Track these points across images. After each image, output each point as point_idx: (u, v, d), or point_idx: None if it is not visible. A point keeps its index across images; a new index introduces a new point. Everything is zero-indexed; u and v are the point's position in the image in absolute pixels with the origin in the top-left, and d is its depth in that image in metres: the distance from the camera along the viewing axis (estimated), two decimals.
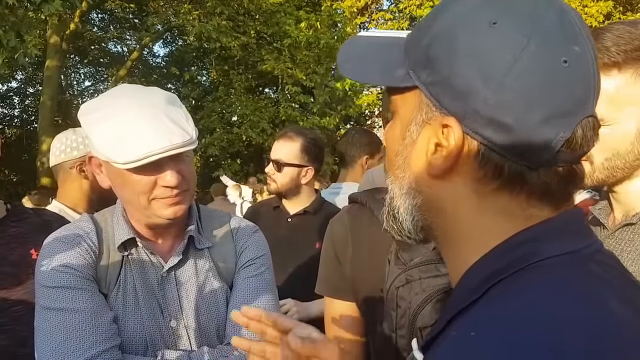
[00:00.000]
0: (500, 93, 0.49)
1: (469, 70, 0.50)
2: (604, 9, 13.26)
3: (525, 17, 0.50)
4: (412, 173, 0.57)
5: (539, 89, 0.49)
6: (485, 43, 0.50)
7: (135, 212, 1.15)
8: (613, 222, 1.02)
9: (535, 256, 0.50)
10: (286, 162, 2.21)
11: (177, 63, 15.91)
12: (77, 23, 12.73)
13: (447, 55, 0.52)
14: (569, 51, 0.50)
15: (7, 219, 1.47)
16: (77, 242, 1.12)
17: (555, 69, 0.49)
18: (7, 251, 1.41)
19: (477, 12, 0.52)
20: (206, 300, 1.20)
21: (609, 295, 0.48)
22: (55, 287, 1.07)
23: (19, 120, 18.09)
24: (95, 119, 1.07)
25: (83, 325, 1.04)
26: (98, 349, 1.03)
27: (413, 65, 0.56)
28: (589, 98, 0.51)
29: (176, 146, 1.03)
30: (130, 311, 1.13)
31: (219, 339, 1.21)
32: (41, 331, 1.06)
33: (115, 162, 1.02)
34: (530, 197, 0.53)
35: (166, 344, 1.14)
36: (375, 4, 16.77)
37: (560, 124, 0.50)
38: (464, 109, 0.51)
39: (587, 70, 0.51)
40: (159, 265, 1.18)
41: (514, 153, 0.51)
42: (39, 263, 1.11)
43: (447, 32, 0.53)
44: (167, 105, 1.08)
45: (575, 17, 0.52)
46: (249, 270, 1.25)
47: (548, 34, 0.50)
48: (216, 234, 1.28)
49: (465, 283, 0.55)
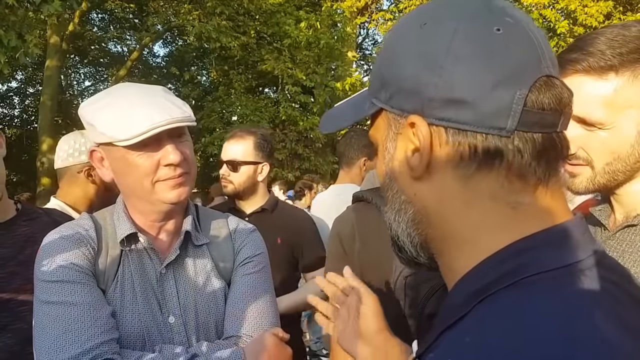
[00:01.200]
0: (446, 74, 0.52)
1: (412, 68, 0.54)
2: (604, 9, 13.23)
3: (451, 10, 0.54)
4: (398, 184, 0.59)
5: (480, 57, 0.51)
6: (421, 41, 0.54)
7: (139, 201, 1.16)
8: (614, 223, 1.01)
9: (527, 270, 0.49)
10: (242, 160, 2.24)
11: (177, 63, 15.90)
12: (77, 23, 12.73)
13: (392, 67, 0.57)
14: (500, 22, 0.52)
15: (18, 219, 1.48)
16: (76, 238, 1.13)
17: (490, 37, 0.51)
18: (16, 251, 1.42)
19: (408, 23, 0.58)
20: (205, 296, 1.21)
21: (603, 316, 0.46)
22: (54, 281, 1.08)
23: (19, 120, 18.08)
24: (97, 107, 1.11)
25: (81, 318, 1.05)
26: (95, 341, 1.04)
27: (373, 93, 0.60)
28: (539, 59, 0.52)
29: (176, 120, 1.07)
30: (128, 307, 1.14)
31: (218, 335, 1.22)
32: (39, 324, 1.07)
33: (120, 140, 1.05)
34: (509, 174, 0.52)
35: (164, 340, 1.15)
36: (375, 4, 16.75)
37: (514, 84, 0.50)
38: (421, 102, 0.53)
39: (526, 34, 0.52)
40: (157, 262, 1.19)
41: (479, 124, 0.51)
42: (38, 260, 1.12)
43: (387, 49, 0.59)
44: (164, 93, 1.14)
45: (502, 2, 0.55)
46: (247, 268, 1.27)
47: (476, 15, 0.53)
48: (214, 232, 1.29)
49: (455, 295, 0.55)
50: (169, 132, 1.09)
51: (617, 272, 0.54)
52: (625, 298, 0.51)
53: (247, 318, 1.20)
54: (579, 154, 0.94)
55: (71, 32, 12.67)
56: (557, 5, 13.77)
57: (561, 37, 12.95)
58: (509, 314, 0.47)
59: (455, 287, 0.55)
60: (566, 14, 14.07)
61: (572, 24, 13.68)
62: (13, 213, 1.48)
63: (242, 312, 1.21)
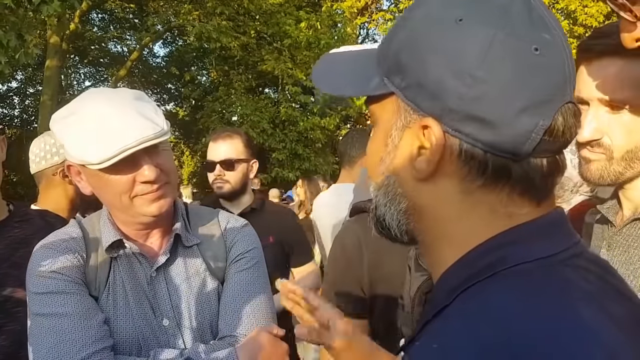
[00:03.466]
0: (474, 87, 0.49)
1: (440, 69, 0.50)
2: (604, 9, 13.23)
3: (491, 11, 0.50)
4: (397, 178, 0.57)
5: (513, 79, 0.49)
6: (453, 40, 0.50)
7: (120, 214, 1.15)
8: (621, 220, 1.01)
9: (506, 262, 0.50)
10: (237, 158, 2.26)
11: (177, 63, 15.90)
12: (77, 23, 12.72)
13: (417, 58, 0.52)
14: (539, 39, 0.49)
15: (11, 220, 1.46)
16: (64, 247, 1.13)
17: (527, 58, 0.49)
18: (10, 252, 1.41)
19: (442, 12, 0.52)
20: (198, 297, 1.20)
21: (580, 305, 0.47)
22: (45, 293, 1.08)
23: (19, 120, 18.07)
24: (66, 124, 1.08)
25: (73, 329, 1.05)
26: (89, 350, 1.03)
27: (386, 72, 0.56)
28: (566, 84, 0.51)
29: (148, 138, 1.03)
30: (122, 312, 1.13)
31: (213, 335, 1.21)
32: (33, 337, 1.07)
33: (91, 163, 1.02)
34: (512, 193, 0.52)
35: (159, 343, 1.15)
36: (375, 4, 16.75)
37: (539, 113, 0.49)
38: (441, 108, 0.51)
39: (560, 57, 0.50)
40: (147, 265, 1.18)
41: (496, 146, 0.50)
42: (29, 271, 1.11)
43: (414, 35, 0.53)
44: (135, 101, 1.08)
45: (542, 7, 0.52)
46: (240, 264, 1.25)
47: (516, 24, 0.49)
48: (205, 230, 1.27)
49: (439, 288, 0.55)
50: (143, 148, 1.05)
51: (599, 264, 0.55)
52: (608, 288, 0.52)
53: (242, 316, 1.18)
54: (603, 141, 0.94)
55: (71, 32, 12.66)
56: (557, 5, 13.77)
57: None
58: (486, 304, 0.49)
59: (440, 280, 0.56)
60: (566, 14, 14.07)
61: (572, 24, 13.68)
62: (5, 214, 1.47)
63: (237, 310, 1.19)
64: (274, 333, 1.12)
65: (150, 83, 17.77)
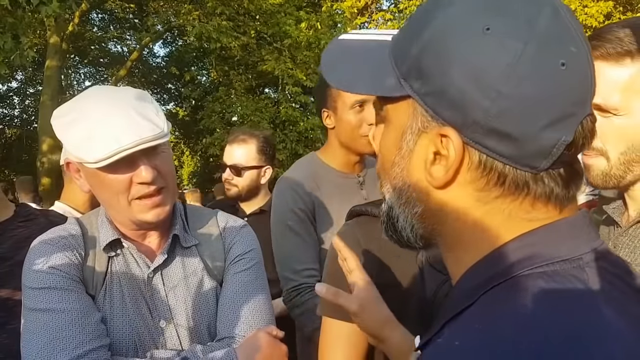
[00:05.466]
0: (499, 102, 0.48)
1: (465, 80, 0.49)
2: (604, 9, 13.25)
3: (520, 21, 0.48)
4: (412, 183, 0.56)
5: (540, 96, 0.48)
6: (480, 51, 0.48)
7: (118, 214, 1.14)
8: (627, 220, 1.01)
9: (529, 263, 0.50)
10: (245, 165, 2.25)
11: (177, 63, 15.89)
12: (76, 23, 12.72)
13: (440, 66, 0.50)
14: (566, 53, 0.48)
15: (15, 220, 1.48)
16: (62, 244, 1.12)
17: (554, 74, 0.48)
18: (13, 251, 1.42)
19: (469, 19, 0.49)
20: (196, 298, 1.19)
21: (602, 308, 0.47)
22: (41, 288, 1.06)
23: (19, 120, 18.08)
24: (65, 122, 1.07)
25: (69, 325, 1.03)
26: (84, 348, 1.02)
27: (405, 74, 0.53)
28: (588, 97, 0.50)
29: (146, 140, 1.02)
30: (118, 312, 1.12)
31: (211, 337, 1.20)
32: (27, 332, 1.05)
33: (88, 162, 1.02)
34: (536, 202, 0.52)
35: (156, 344, 1.14)
36: (375, 4, 16.77)
37: (562, 128, 0.49)
38: (462, 119, 0.49)
39: (584, 70, 0.50)
40: (145, 266, 1.17)
41: (516, 160, 0.50)
42: (25, 266, 1.10)
43: (437, 41, 0.50)
44: (136, 102, 1.07)
45: (567, 14, 0.50)
46: (239, 266, 1.24)
47: (544, 38, 0.48)
48: (204, 231, 1.26)
49: (460, 287, 0.55)
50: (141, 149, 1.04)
51: (620, 267, 0.54)
52: (629, 290, 0.51)
53: (240, 318, 1.18)
54: (594, 144, 0.94)
55: (71, 32, 12.66)
56: None
57: None
58: (509, 305, 0.48)
59: (461, 279, 0.55)
60: None
61: None
62: (10, 214, 1.48)
63: (235, 312, 1.18)
64: (273, 334, 1.11)
65: (150, 83, 17.76)
